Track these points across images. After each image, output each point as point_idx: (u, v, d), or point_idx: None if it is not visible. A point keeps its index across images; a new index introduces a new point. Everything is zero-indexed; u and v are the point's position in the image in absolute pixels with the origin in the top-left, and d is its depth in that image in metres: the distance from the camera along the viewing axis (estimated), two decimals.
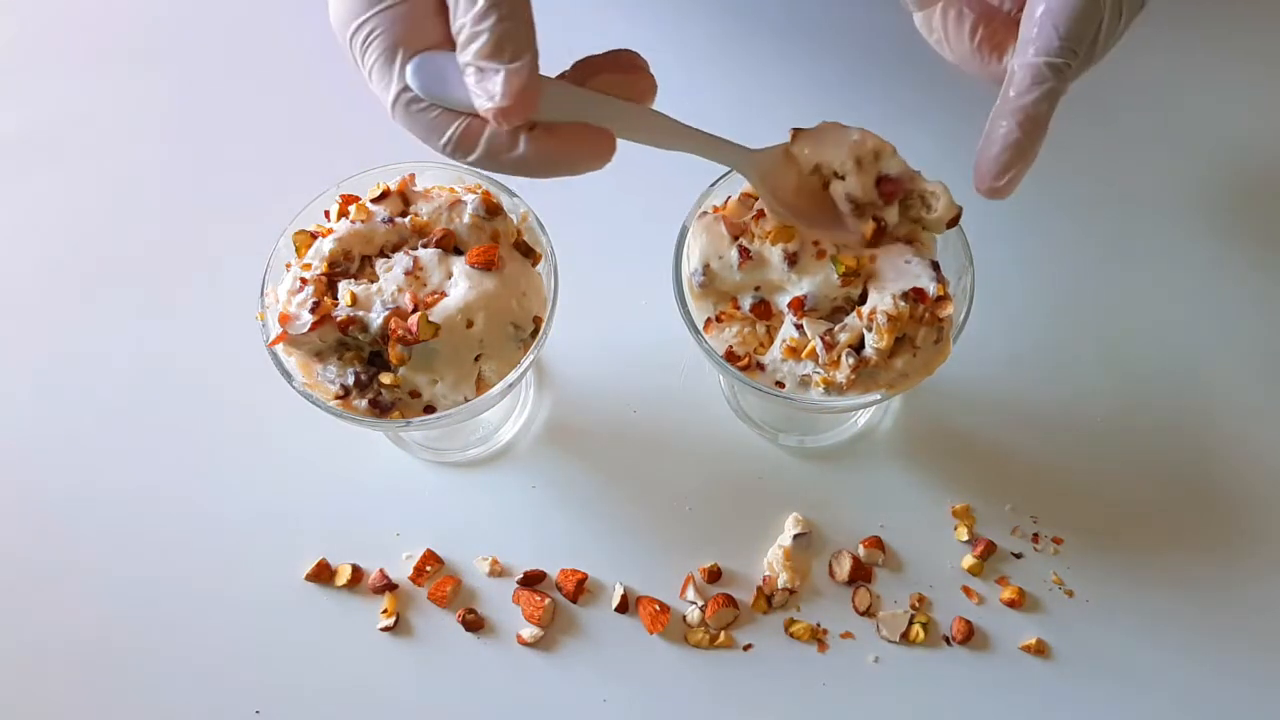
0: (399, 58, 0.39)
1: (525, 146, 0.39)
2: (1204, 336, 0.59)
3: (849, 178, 0.45)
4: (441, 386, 0.47)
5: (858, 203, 0.45)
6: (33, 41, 0.69)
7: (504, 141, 0.39)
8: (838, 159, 0.45)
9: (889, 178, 0.45)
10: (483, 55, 0.37)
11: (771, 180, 0.45)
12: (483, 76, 0.37)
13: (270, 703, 0.53)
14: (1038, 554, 0.55)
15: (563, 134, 0.39)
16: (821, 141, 0.45)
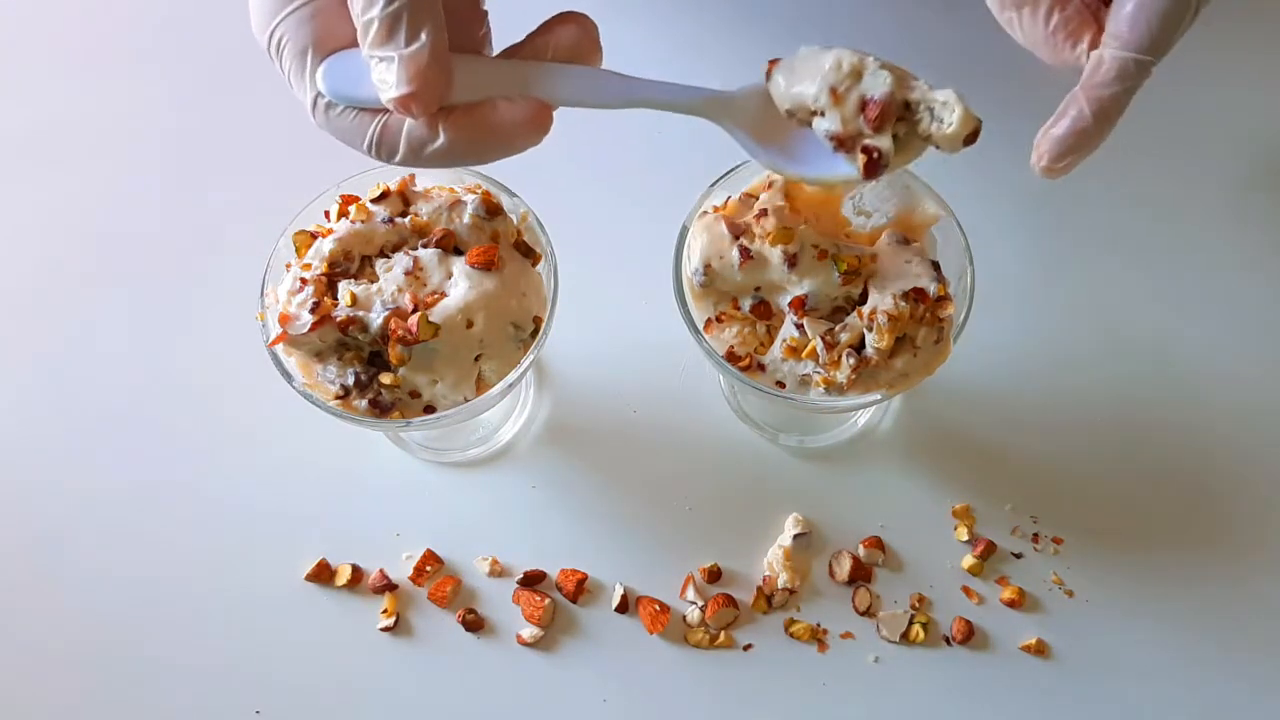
0: (309, 61, 0.37)
1: (445, 135, 0.36)
2: (1204, 336, 0.59)
3: (826, 113, 0.39)
4: (441, 386, 0.47)
5: (841, 139, 0.39)
6: (33, 41, 0.69)
7: (423, 134, 0.36)
8: (810, 94, 0.38)
9: (870, 100, 0.38)
10: (377, 43, 0.35)
11: (753, 126, 0.40)
12: (383, 67, 0.35)
13: (270, 703, 0.53)
14: (1038, 554, 0.55)
15: (485, 113, 0.36)
16: (793, 75, 0.39)
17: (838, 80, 0.38)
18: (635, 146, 0.63)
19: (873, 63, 0.38)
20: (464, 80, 0.36)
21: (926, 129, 0.38)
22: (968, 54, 0.67)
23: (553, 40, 0.38)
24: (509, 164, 0.50)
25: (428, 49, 0.34)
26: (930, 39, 0.67)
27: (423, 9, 0.34)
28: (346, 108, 0.37)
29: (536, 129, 0.37)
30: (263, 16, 0.37)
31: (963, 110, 0.37)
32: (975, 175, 0.63)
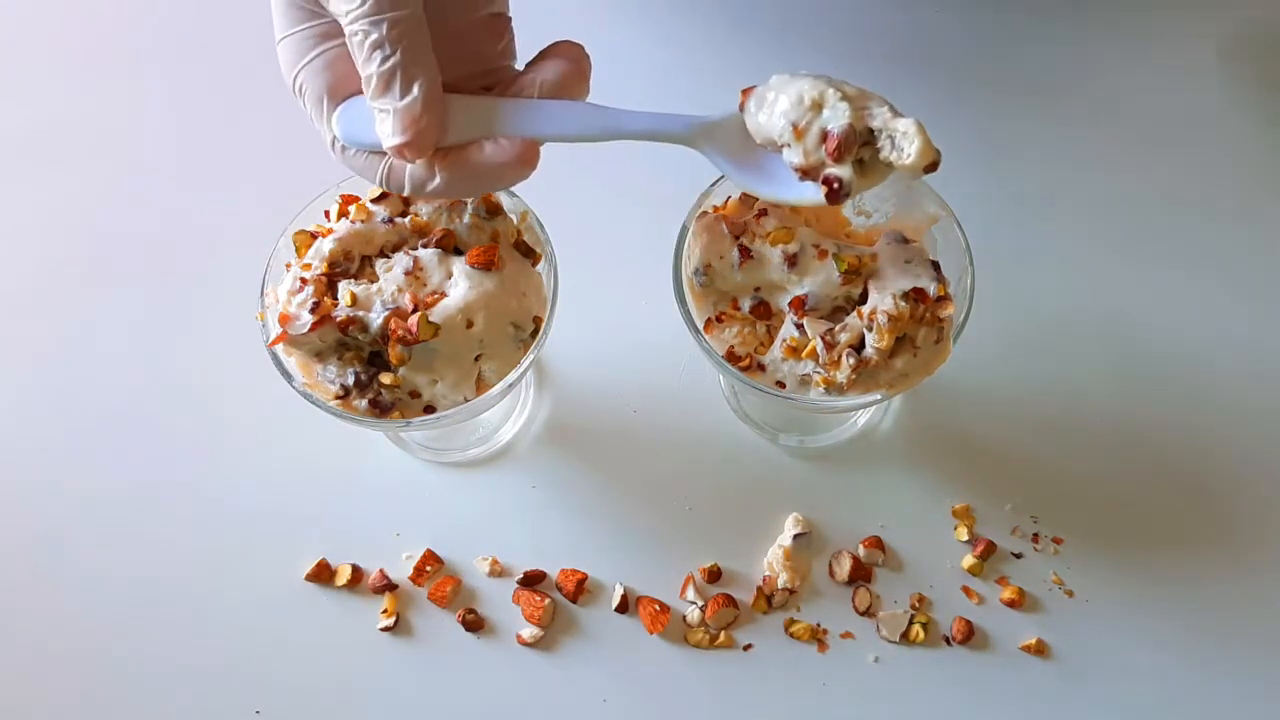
0: (325, 107, 0.40)
1: (440, 176, 0.39)
2: (1205, 336, 0.59)
3: (789, 148, 0.40)
4: (441, 386, 0.47)
5: (804, 171, 0.40)
6: (33, 41, 0.69)
7: (422, 175, 0.39)
8: (776, 128, 0.40)
9: (830, 133, 0.39)
10: (375, 96, 0.37)
11: (731, 150, 0.42)
12: (382, 117, 0.38)
13: (270, 703, 0.53)
14: (1038, 554, 0.55)
15: (474, 154, 0.39)
16: (762, 106, 0.40)
17: (799, 116, 0.39)
18: (635, 147, 0.63)
19: (833, 95, 0.39)
20: (457, 123, 0.39)
21: (888, 156, 0.39)
22: (968, 54, 0.67)
23: (539, 76, 0.40)
24: None
25: (420, 101, 0.37)
26: (929, 39, 0.67)
27: (415, 63, 0.37)
28: (359, 150, 0.40)
29: (522, 166, 0.39)
30: (287, 63, 0.40)
31: (921, 142, 0.38)
32: (975, 175, 0.63)
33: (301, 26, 0.39)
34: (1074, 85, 0.66)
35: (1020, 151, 0.64)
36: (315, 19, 0.39)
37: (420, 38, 0.37)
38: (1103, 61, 0.67)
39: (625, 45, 0.67)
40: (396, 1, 0.36)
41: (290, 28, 0.40)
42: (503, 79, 0.41)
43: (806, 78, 0.40)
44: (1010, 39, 0.67)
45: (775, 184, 0.42)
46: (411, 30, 0.37)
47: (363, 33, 0.36)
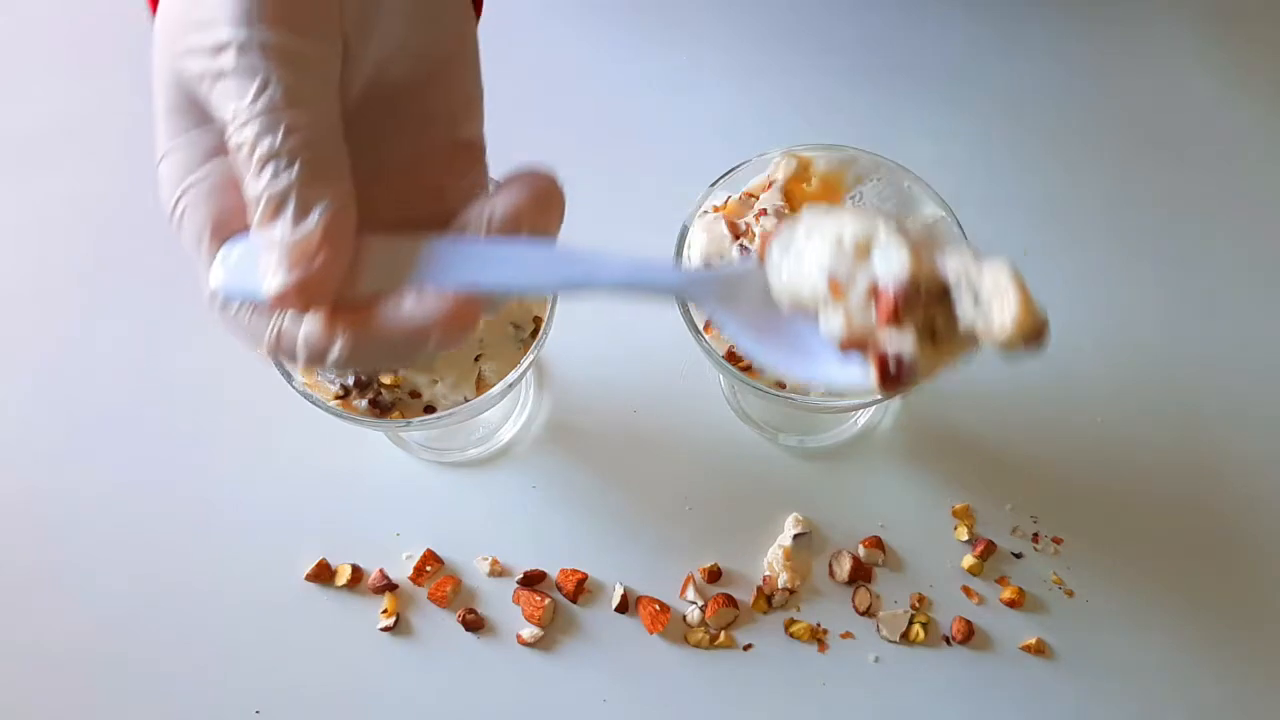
0: (205, 246, 0.30)
1: (342, 340, 0.29)
2: (1205, 336, 0.59)
3: (826, 310, 0.29)
4: (441, 386, 0.47)
5: (848, 344, 0.29)
6: (33, 41, 0.69)
7: (321, 338, 0.29)
8: (808, 287, 0.29)
9: (881, 288, 0.28)
10: (260, 225, 0.28)
11: (750, 312, 0.31)
12: (266, 252, 0.28)
13: (270, 703, 0.53)
14: (1038, 554, 0.55)
15: (388, 312, 0.29)
16: (788, 255, 0.30)
17: (837, 265, 0.28)
18: (635, 146, 0.63)
19: (885, 233, 0.28)
20: (372, 267, 0.29)
21: (970, 321, 0.27)
22: (968, 55, 0.67)
23: (487, 208, 0.30)
24: (509, 164, 0.51)
25: (318, 231, 0.27)
26: (929, 42, 0.67)
27: (318, 180, 0.28)
28: (243, 306, 0.30)
29: (452, 327, 0.29)
30: (166, 185, 0.31)
31: (1021, 301, 0.26)
32: (975, 175, 0.63)
33: (185, 137, 0.31)
34: (1075, 86, 0.66)
35: (1021, 152, 0.64)
36: (203, 127, 0.30)
37: (328, 147, 0.28)
38: (1104, 62, 0.67)
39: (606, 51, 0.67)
40: (299, 99, 0.27)
41: (172, 139, 0.31)
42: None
43: (850, 212, 0.30)
44: (1011, 40, 0.67)
45: (809, 359, 0.31)
46: (317, 138, 0.28)
47: (250, 142, 0.27)
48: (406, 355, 0.30)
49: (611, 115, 0.64)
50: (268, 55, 0.27)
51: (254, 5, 0.27)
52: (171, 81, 0.30)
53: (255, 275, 0.29)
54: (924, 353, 0.28)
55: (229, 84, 0.28)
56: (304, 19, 0.28)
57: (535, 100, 0.65)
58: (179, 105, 0.30)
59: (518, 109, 0.65)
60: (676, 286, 0.31)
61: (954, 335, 0.28)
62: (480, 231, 0.30)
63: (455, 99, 0.33)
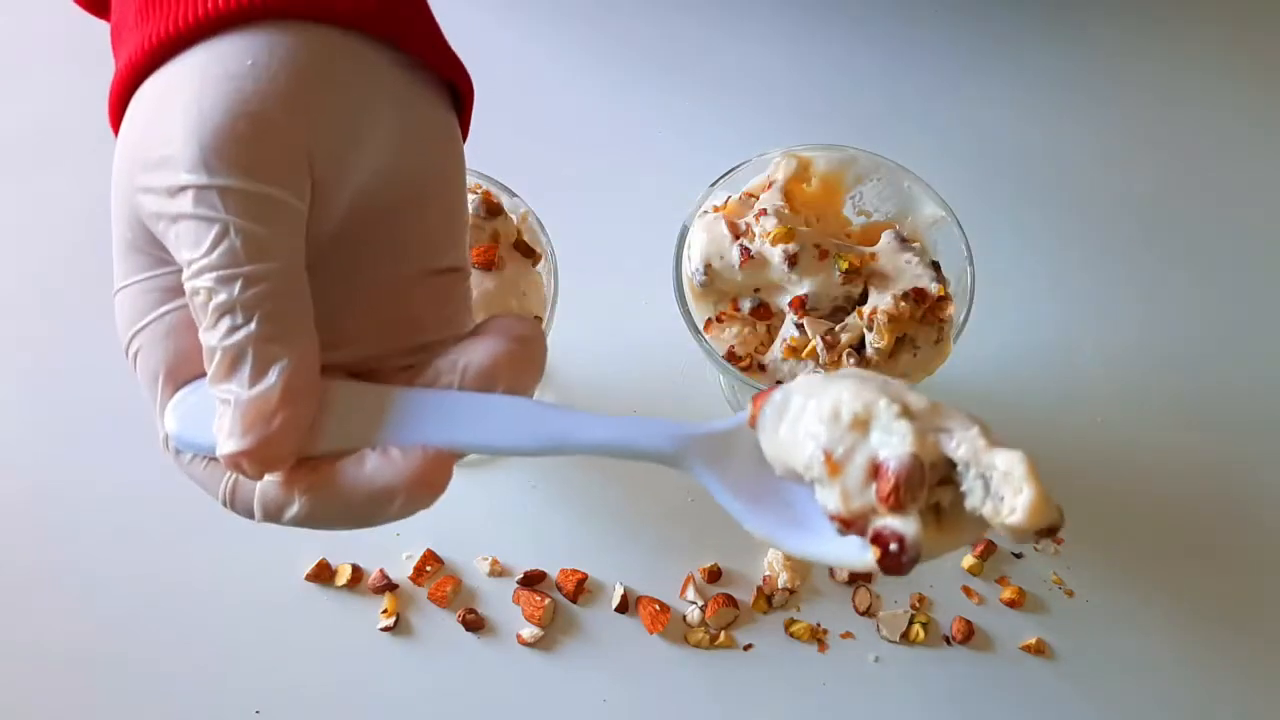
0: (160, 390, 0.29)
1: (300, 501, 0.27)
2: (1205, 336, 0.59)
3: (821, 485, 0.27)
4: None
5: (846, 522, 0.27)
6: (33, 41, 0.69)
7: (277, 496, 0.28)
8: (800, 460, 0.27)
9: (883, 467, 0.26)
10: (217, 379, 0.26)
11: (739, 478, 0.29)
12: (222, 409, 0.27)
13: (270, 703, 0.53)
14: (1038, 554, 0.55)
15: (349, 473, 0.27)
16: (782, 422, 0.28)
17: (834, 440, 0.26)
18: (635, 146, 0.63)
19: (887, 408, 0.26)
20: (334, 422, 0.27)
21: (978, 506, 0.26)
22: (969, 54, 0.67)
23: (462, 358, 0.28)
24: (509, 163, 0.51)
25: (277, 392, 0.26)
26: (928, 40, 0.67)
27: (279, 336, 0.26)
28: (196, 455, 0.29)
29: (419, 489, 0.27)
30: (122, 324, 0.29)
31: (1034, 493, 0.26)
32: (975, 175, 0.63)
33: (142, 276, 0.28)
34: (1076, 85, 0.66)
35: (1021, 151, 0.64)
36: (162, 266, 0.28)
37: (290, 302, 0.26)
38: (1106, 61, 0.67)
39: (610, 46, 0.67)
40: (259, 250, 0.26)
41: (129, 277, 0.29)
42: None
43: (848, 378, 0.27)
44: (1012, 39, 0.67)
45: (805, 532, 0.28)
46: (278, 291, 0.26)
47: (206, 291, 0.26)
48: (368, 519, 0.28)
49: (611, 115, 0.64)
50: (227, 202, 0.25)
51: (214, 148, 0.26)
52: (128, 215, 0.28)
53: (209, 428, 0.27)
54: (928, 534, 0.26)
55: (186, 229, 0.26)
56: (268, 163, 0.26)
57: (535, 101, 0.65)
58: (135, 240, 0.28)
59: (518, 110, 0.65)
60: (662, 450, 0.28)
61: (960, 516, 0.27)
62: (454, 383, 0.28)
63: (437, 226, 0.30)
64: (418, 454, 0.27)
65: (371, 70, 0.28)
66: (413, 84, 0.30)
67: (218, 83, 0.26)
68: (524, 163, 0.53)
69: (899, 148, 0.50)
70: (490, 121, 0.69)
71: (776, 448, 0.28)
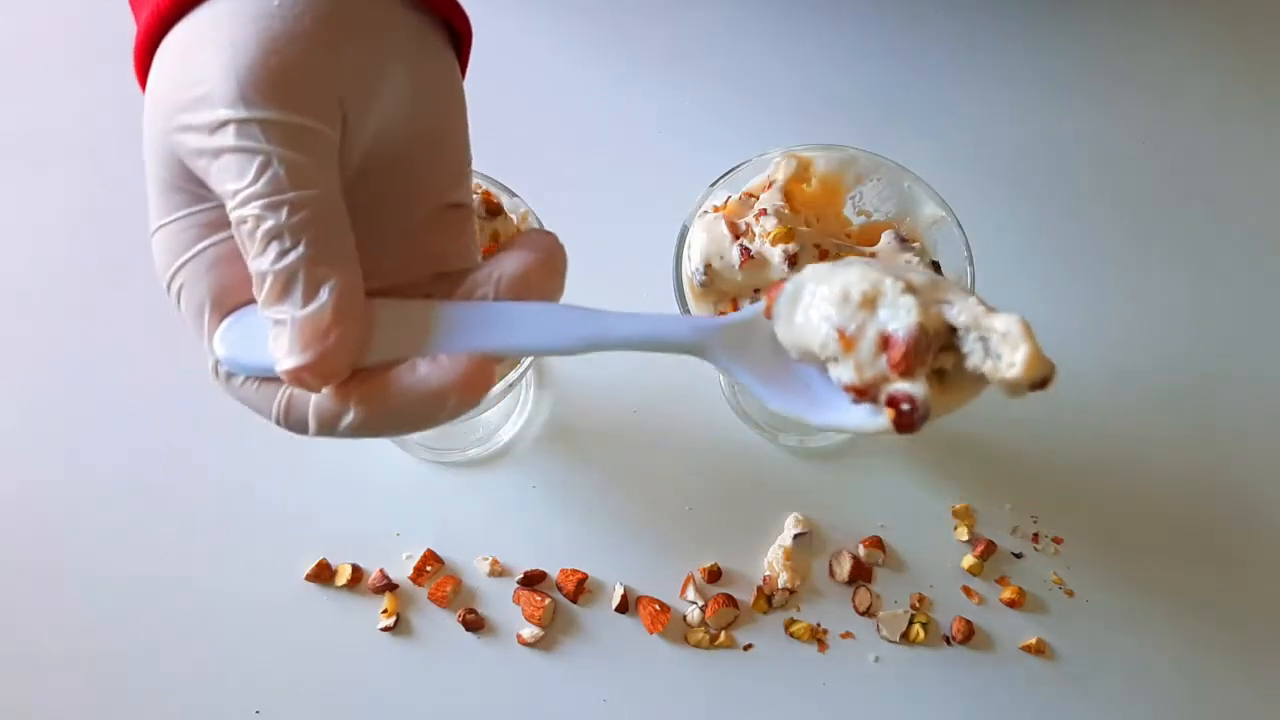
0: (206, 321, 0.31)
1: (355, 411, 0.29)
2: (1204, 336, 0.59)
3: (837, 362, 0.30)
4: None
5: (860, 390, 0.30)
6: (33, 41, 0.69)
7: (332, 408, 0.29)
8: (815, 341, 0.30)
9: (892, 337, 0.29)
10: (270, 302, 0.28)
11: (758, 360, 0.32)
12: (277, 330, 0.28)
13: (270, 703, 0.53)
14: (1038, 554, 0.55)
15: (402, 380, 0.29)
16: (796, 308, 0.31)
17: (846, 319, 0.29)
18: (635, 146, 0.63)
19: (892, 285, 0.29)
20: (382, 337, 0.30)
21: (978, 365, 0.29)
22: (968, 54, 0.67)
23: (495, 271, 0.31)
24: (509, 164, 0.51)
25: (329, 309, 0.28)
26: (928, 39, 0.67)
27: (325, 258, 0.28)
28: (249, 377, 0.31)
29: (470, 390, 0.29)
30: (162, 260, 0.31)
31: (1029, 349, 0.28)
32: (976, 175, 0.63)
33: (182, 213, 0.30)
34: (1076, 86, 0.66)
35: (1021, 151, 0.64)
36: (200, 203, 0.30)
37: (333, 226, 0.28)
38: (1106, 62, 0.67)
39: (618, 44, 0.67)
40: (301, 177, 0.27)
41: (167, 215, 0.30)
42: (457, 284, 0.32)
43: (855, 265, 0.30)
44: (1012, 39, 0.67)
45: (821, 405, 0.31)
46: (321, 216, 0.28)
47: (254, 219, 0.27)
48: (423, 421, 0.30)
49: (611, 115, 0.64)
50: (268, 134, 0.27)
51: (251, 83, 0.27)
52: (165, 157, 0.29)
53: (260, 349, 0.29)
54: (934, 395, 0.29)
55: (229, 163, 0.28)
56: (302, 96, 0.28)
57: (536, 102, 0.65)
58: (173, 180, 0.30)
59: (518, 111, 0.65)
60: (686, 340, 0.31)
61: (962, 378, 0.29)
62: (490, 294, 0.31)
63: (448, 165, 0.33)
64: (464, 358, 0.29)
65: (387, 13, 0.30)
66: (421, 26, 0.31)
67: (247, 24, 0.28)
68: (524, 163, 0.53)
69: (899, 148, 0.50)
70: (490, 121, 0.69)
71: (792, 333, 0.31)
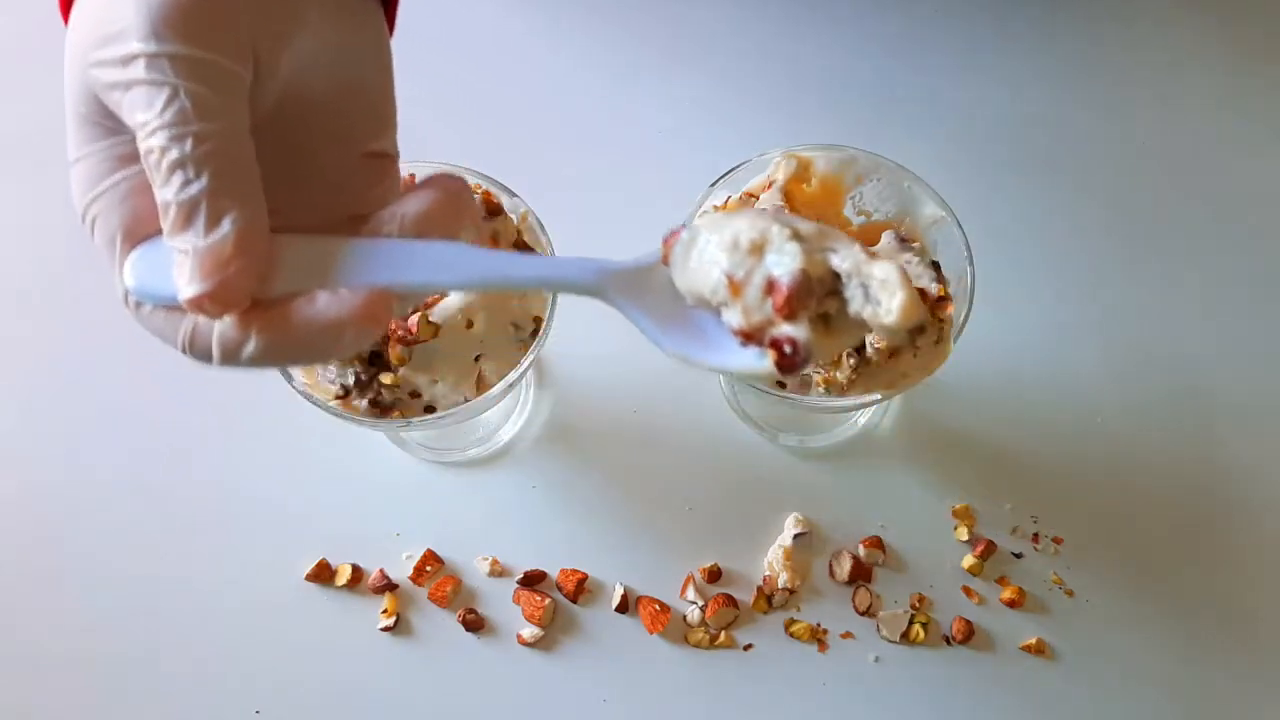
0: (119, 249, 0.31)
1: (256, 339, 0.30)
2: (1204, 336, 0.59)
3: (727, 306, 0.31)
4: (441, 386, 0.47)
5: (748, 335, 0.31)
6: (33, 41, 0.69)
7: (235, 336, 0.30)
8: (706, 286, 0.31)
9: (776, 282, 0.30)
10: (174, 231, 0.29)
11: (654, 305, 0.33)
12: (180, 259, 0.29)
13: (270, 703, 0.53)
14: (1038, 554, 0.55)
15: (301, 309, 0.30)
16: (690, 255, 0.32)
17: (735, 265, 0.31)
18: (635, 146, 0.63)
19: (779, 233, 0.30)
20: (285, 270, 0.30)
21: (859, 310, 0.30)
22: (966, 54, 0.67)
23: (399, 210, 0.32)
24: (509, 164, 0.51)
25: (231, 239, 0.29)
26: (926, 39, 0.67)
27: (228, 190, 0.29)
28: (156, 306, 0.31)
29: (366, 322, 0.30)
30: (79, 191, 0.32)
31: (905, 295, 0.29)
32: (976, 175, 0.63)
33: (97, 145, 0.31)
34: (1076, 85, 0.66)
35: (1021, 151, 0.64)
36: (114, 136, 0.31)
37: (237, 158, 0.29)
38: (1107, 61, 0.67)
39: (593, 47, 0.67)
40: (207, 111, 0.28)
41: (84, 147, 0.31)
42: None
43: (747, 214, 0.31)
44: (1012, 39, 0.67)
45: (712, 348, 0.32)
46: (225, 150, 0.29)
47: (160, 150, 0.28)
48: (322, 351, 0.31)
49: (612, 115, 0.64)
50: (176, 67, 0.28)
51: (162, 19, 0.28)
52: (82, 91, 0.30)
53: (168, 278, 0.30)
54: (818, 339, 0.30)
55: (138, 95, 0.29)
56: (212, 34, 0.29)
57: (535, 101, 0.65)
58: (90, 114, 0.31)
59: (518, 111, 0.65)
60: (585, 282, 0.32)
61: (845, 322, 0.31)
62: (394, 231, 0.31)
63: (369, 115, 0.34)
64: (363, 291, 0.30)
65: None
66: None
67: None
68: (524, 163, 0.53)
69: (899, 148, 0.50)
70: (491, 121, 0.69)
71: (687, 278, 0.32)
